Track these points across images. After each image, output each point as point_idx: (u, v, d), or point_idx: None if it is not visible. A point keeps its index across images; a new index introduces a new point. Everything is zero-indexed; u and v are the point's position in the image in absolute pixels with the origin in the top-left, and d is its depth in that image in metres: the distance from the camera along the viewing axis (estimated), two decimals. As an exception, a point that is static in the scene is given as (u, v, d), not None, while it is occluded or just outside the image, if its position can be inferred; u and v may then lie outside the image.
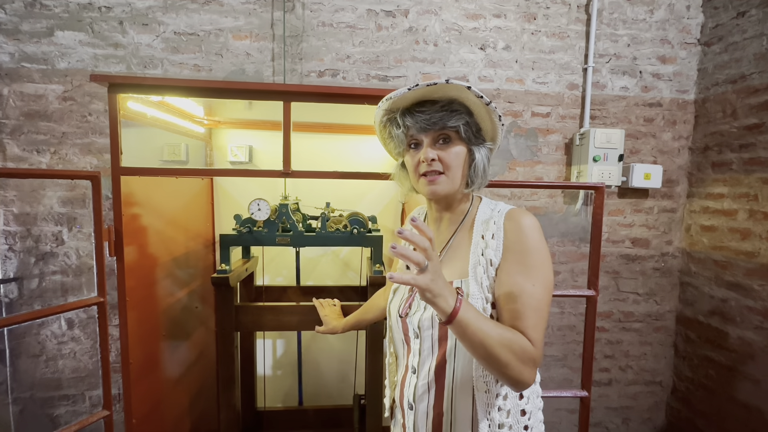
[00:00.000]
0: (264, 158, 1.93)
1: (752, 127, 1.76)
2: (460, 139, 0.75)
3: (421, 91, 0.73)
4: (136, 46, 1.77)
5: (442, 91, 0.72)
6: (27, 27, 1.71)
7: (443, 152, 0.73)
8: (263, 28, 1.82)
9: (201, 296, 1.83)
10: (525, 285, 0.67)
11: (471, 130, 0.75)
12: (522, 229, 0.70)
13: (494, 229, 0.73)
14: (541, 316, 0.67)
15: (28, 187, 1.76)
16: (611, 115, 2.01)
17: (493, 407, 0.72)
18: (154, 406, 1.47)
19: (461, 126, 0.73)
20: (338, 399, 2.07)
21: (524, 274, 0.68)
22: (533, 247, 0.69)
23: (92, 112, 1.77)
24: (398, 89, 0.74)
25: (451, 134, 0.74)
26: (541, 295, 0.67)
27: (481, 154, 0.76)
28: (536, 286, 0.67)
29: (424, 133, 0.74)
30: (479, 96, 0.71)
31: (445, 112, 0.72)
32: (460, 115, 0.73)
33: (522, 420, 0.74)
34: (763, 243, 1.71)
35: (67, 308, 1.10)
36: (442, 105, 0.73)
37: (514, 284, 0.68)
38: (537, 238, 0.70)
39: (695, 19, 1.99)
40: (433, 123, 0.72)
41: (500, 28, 1.92)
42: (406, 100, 0.76)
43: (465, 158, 0.75)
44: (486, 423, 0.72)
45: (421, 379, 0.76)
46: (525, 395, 0.75)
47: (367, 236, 1.46)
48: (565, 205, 2.04)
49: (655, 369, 2.16)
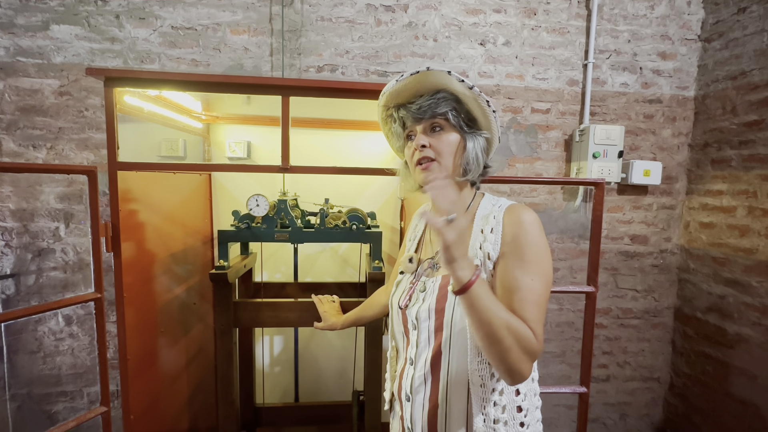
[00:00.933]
0: (262, 154, 1.92)
1: (752, 124, 1.75)
2: (452, 127, 0.77)
3: (410, 83, 0.76)
4: (132, 40, 1.75)
5: (429, 81, 0.75)
6: (22, 21, 1.69)
7: (434, 140, 0.76)
8: (261, 23, 1.80)
9: (199, 292, 1.82)
10: (523, 279, 0.67)
11: (461, 117, 0.77)
12: (521, 224, 0.70)
13: (493, 224, 0.73)
14: (541, 310, 0.67)
15: (25, 183, 1.75)
16: (611, 111, 2.00)
17: (488, 402, 0.72)
18: (153, 403, 1.46)
19: (449, 112, 0.75)
20: (337, 395, 2.07)
21: (522, 269, 0.68)
22: (532, 242, 0.69)
23: (89, 107, 1.75)
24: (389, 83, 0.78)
25: (441, 122, 0.77)
26: (540, 289, 0.67)
27: (474, 142, 0.77)
28: (535, 281, 0.67)
29: (417, 123, 0.77)
30: (461, 80, 0.73)
31: (433, 101, 0.75)
32: (447, 101, 0.76)
33: (518, 416, 0.74)
34: (761, 240, 1.71)
35: (63, 304, 1.10)
36: (431, 95, 0.76)
37: (513, 279, 0.68)
38: (536, 234, 0.70)
39: (696, 15, 1.98)
40: (423, 111, 0.76)
41: (500, 24, 1.91)
42: (402, 96, 0.79)
43: (458, 146, 0.77)
44: (481, 417, 0.72)
45: (417, 370, 0.77)
46: (522, 392, 0.75)
47: (366, 232, 1.45)
48: (564, 202, 2.04)
49: (652, 365, 2.17)
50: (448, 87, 0.76)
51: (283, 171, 1.21)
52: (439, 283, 0.77)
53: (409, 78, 0.75)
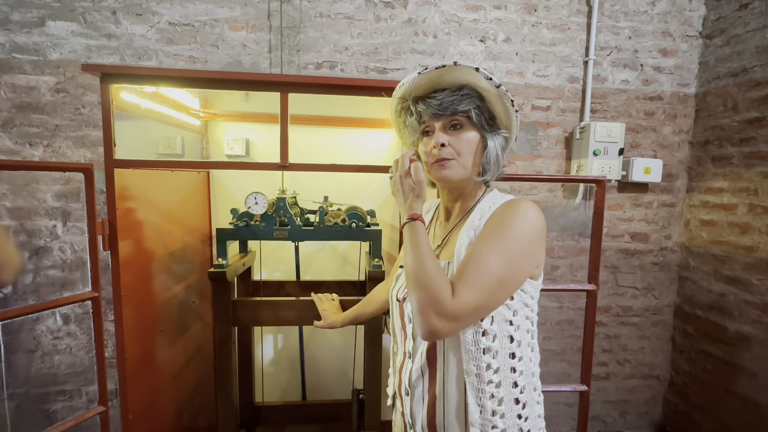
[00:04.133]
0: (261, 151, 1.91)
1: (753, 121, 1.75)
2: (473, 125, 0.74)
3: (432, 76, 0.73)
4: (129, 36, 1.73)
5: (453, 75, 0.72)
6: (17, 17, 1.67)
7: (454, 138, 0.73)
8: (260, 19, 1.78)
9: (198, 291, 1.82)
10: (480, 248, 0.66)
11: (483, 115, 0.74)
12: (509, 208, 0.69)
13: (486, 213, 0.72)
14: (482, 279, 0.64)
15: (21, 181, 1.74)
16: (612, 108, 1.99)
17: (484, 393, 0.71)
18: (151, 402, 1.46)
19: (472, 110, 0.72)
20: (337, 393, 2.07)
21: (487, 241, 0.67)
22: (511, 224, 0.67)
23: (86, 104, 1.74)
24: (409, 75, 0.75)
25: (462, 120, 0.74)
26: (492, 262, 0.64)
27: (495, 142, 0.75)
28: (491, 253, 0.65)
29: (436, 119, 0.74)
30: (488, 78, 0.71)
31: (455, 97, 0.72)
32: (470, 99, 0.72)
33: (515, 408, 0.73)
34: (762, 237, 1.71)
35: (60, 303, 1.09)
36: (453, 90, 0.73)
37: (473, 247, 0.68)
38: (521, 220, 0.67)
39: (697, 11, 1.97)
40: (444, 108, 0.72)
41: (500, 20, 1.89)
42: (420, 89, 0.76)
43: (477, 145, 0.74)
44: (477, 409, 0.71)
45: (415, 363, 0.76)
46: (519, 384, 0.73)
47: (366, 230, 1.44)
48: (564, 200, 2.03)
49: (652, 363, 2.17)
50: (472, 83, 0.73)
51: (282, 168, 1.20)
52: None
53: (433, 72, 0.72)
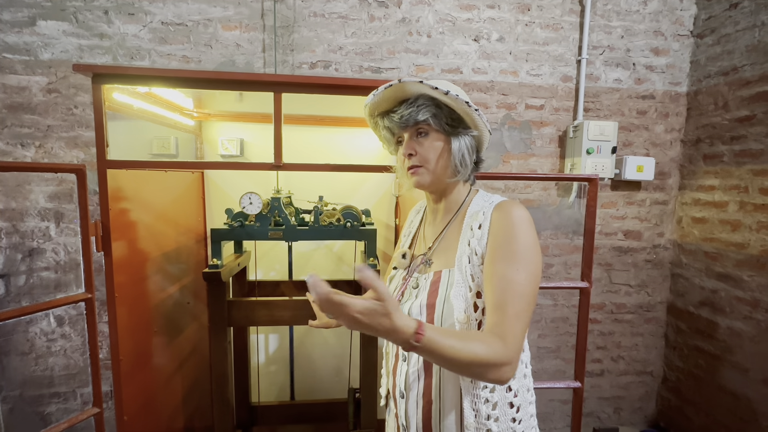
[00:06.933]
0: (255, 151, 1.90)
1: (744, 119, 1.77)
2: (436, 131, 0.77)
3: (388, 93, 0.77)
4: (122, 36, 1.72)
5: (408, 87, 0.75)
6: (8, 16, 1.66)
7: (420, 146, 0.77)
8: (253, 18, 1.78)
9: (193, 291, 1.81)
10: (508, 271, 0.67)
11: (442, 120, 0.76)
12: (508, 218, 0.70)
13: (481, 220, 0.74)
14: (527, 302, 0.66)
15: (13, 182, 1.72)
16: (605, 107, 2.01)
17: (479, 398, 0.72)
18: (147, 403, 1.45)
19: (430, 118, 0.75)
20: (333, 393, 2.07)
21: (507, 261, 0.67)
22: (518, 236, 0.69)
23: (78, 104, 1.72)
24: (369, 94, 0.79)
25: (425, 128, 0.77)
26: (525, 281, 0.66)
27: (461, 143, 0.77)
28: (520, 272, 0.66)
29: (404, 130, 0.78)
30: (434, 87, 0.73)
31: (413, 108, 0.75)
32: (426, 108, 0.75)
33: (510, 412, 0.74)
34: (752, 234, 1.73)
35: (53, 305, 1.08)
36: (410, 102, 0.76)
37: (497, 271, 0.67)
38: (524, 228, 0.69)
39: (688, 10, 1.99)
40: (406, 120, 0.76)
41: (494, 20, 1.90)
42: (384, 104, 0.80)
43: (443, 149, 0.77)
44: (472, 413, 0.72)
45: (411, 366, 0.77)
46: (513, 388, 0.75)
47: (361, 230, 1.45)
48: (558, 198, 2.05)
49: (646, 359, 2.19)
50: (425, 93, 0.76)
51: (276, 168, 1.20)
52: (431, 279, 0.77)
53: (384, 91, 0.76)
